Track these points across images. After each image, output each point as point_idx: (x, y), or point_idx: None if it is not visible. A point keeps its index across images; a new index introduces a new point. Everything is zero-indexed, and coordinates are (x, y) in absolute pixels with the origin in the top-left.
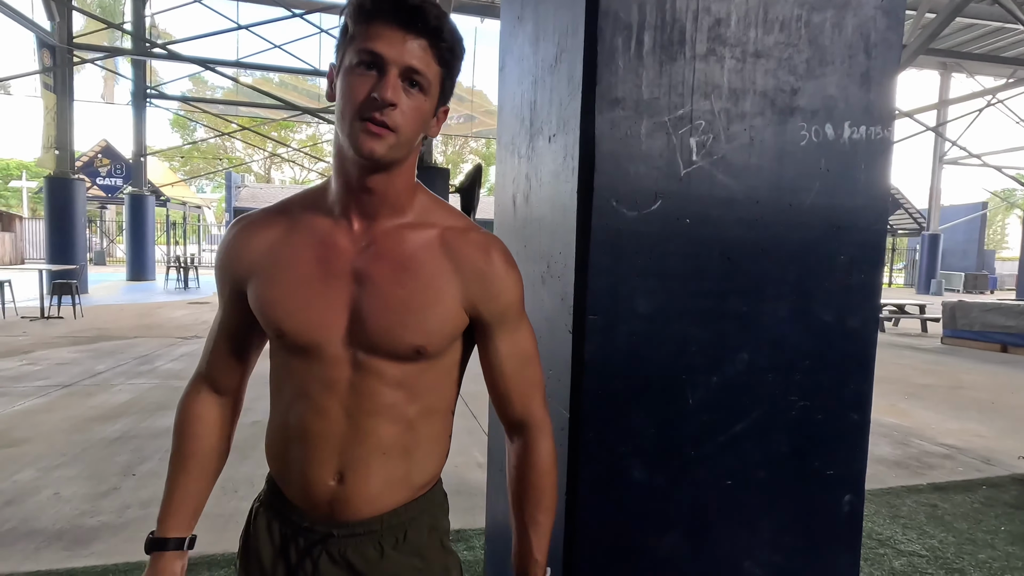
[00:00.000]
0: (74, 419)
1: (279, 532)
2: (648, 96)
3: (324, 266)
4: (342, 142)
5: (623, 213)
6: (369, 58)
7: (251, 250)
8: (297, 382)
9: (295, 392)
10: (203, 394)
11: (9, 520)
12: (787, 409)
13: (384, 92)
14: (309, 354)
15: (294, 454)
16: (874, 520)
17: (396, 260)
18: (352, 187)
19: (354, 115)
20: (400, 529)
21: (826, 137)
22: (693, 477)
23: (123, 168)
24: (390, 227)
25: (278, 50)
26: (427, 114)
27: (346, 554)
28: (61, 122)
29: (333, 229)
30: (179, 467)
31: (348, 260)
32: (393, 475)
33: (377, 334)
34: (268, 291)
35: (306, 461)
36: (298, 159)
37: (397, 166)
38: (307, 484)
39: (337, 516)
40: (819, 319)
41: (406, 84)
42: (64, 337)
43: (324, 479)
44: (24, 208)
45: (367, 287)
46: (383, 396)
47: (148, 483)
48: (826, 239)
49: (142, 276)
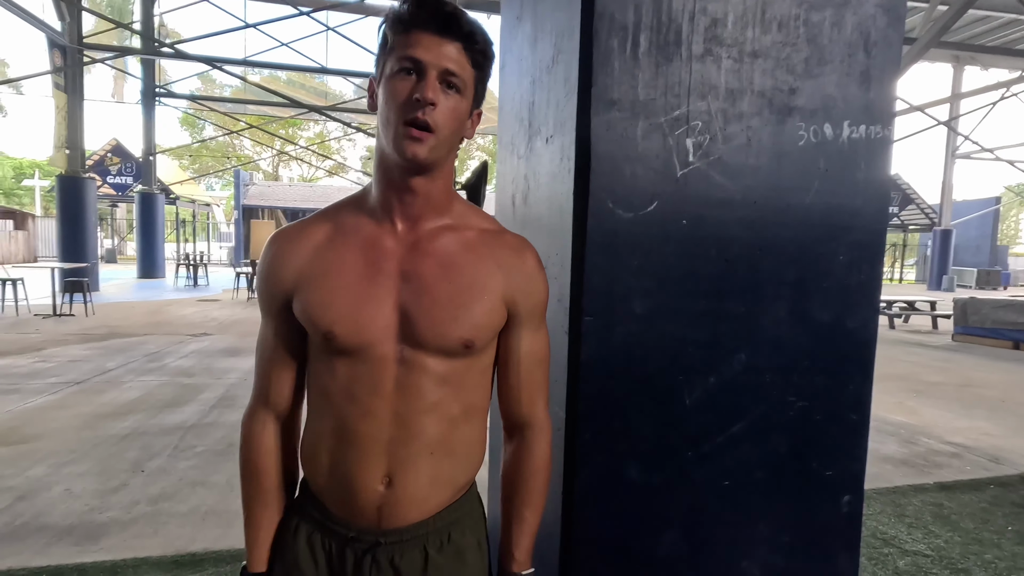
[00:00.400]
0: (85, 416)
1: (323, 545)
2: (644, 97)
3: (372, 267)
4: (385, 147)
5: (619, 215)
6: (409, 64)
7: (295, 259)
8: (343, 386)
9: (341, 396)
10: (268, 424)
11: (22, 515)
12: (785, 410)
13: (425, 92)
14: (357, 356)
15: (340, 460)
16: (879, 519)
17: (441, 258)
18: (395, 189)
19: (398, 118)
20: (444, 532)
21: (825, 137)
22: (690, 478)
23: (133, 166)
24: (433, 227)
25: (286, 48)
26: (464, 115)
27: (394, 560)
28: (72, 121)
29: (378, 231)
30: (260, 503)
31: (395, 260)
32: (439, 475)
33: (427, 330)
34: (317, 295)
35: (354, 466)
36: (305, 157)
37: (437, 169)
38: (354, 491)
39: (384, 523)
40: (818, 319)
41: (443, 86)
42: (75, 334)
43: (372, 484)
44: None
45: (415, 285)
46: (430, 394)
47: (156, 479)
48: (825, 239)
49: (152, 274)
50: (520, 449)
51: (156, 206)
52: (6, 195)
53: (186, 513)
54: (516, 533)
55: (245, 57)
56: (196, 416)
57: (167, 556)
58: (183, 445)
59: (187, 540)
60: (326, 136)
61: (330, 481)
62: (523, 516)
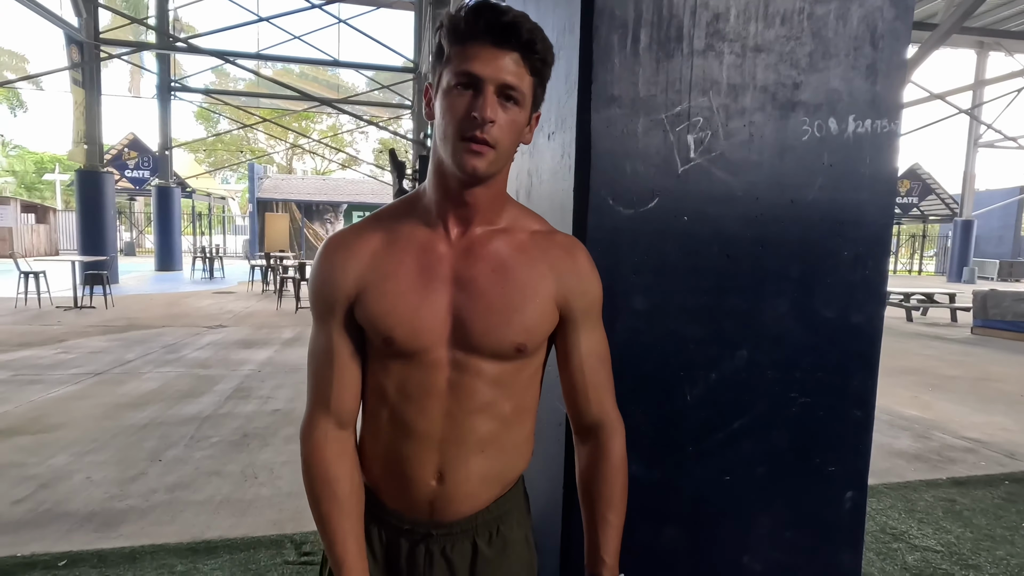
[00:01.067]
0: (105, 406)
1: (379, 535)
2: (645, 93)
3: (426, 272)
4: (444, 160)
5: (619, 211)
6: (466, 79)
7: (355, 265)
8: (398, 386)
9: (396, 396)
10: (330, 431)
11: (44, 502)
12: (787, 406)
13: (484, 112)
14: (413, 359)
15: (394, 455)
16: (888, 514)
17: (493, 263)
18: (451, 199)
19: (456, 135)
20: (493, 524)
21: (829, 131)
22: (691, 473)
23: (150, 160)
24: (485, 232)
25: (298, 41)
26: (522, 125)
27: (445, 551)
28: (90, 116)
29: (431, 237)
30: (341, 514)
31: (448, 266)
32: (489, 472)
33: (481, 335)
34: (379, 303)
35: (407, 461)
36: (319, 150)
37: (493, 178)
38: (407, 485)
39: (436, 516)
40: (821, 315)
41: (502, 100)
42: (96, 326)
43: (425, 479)
44: (57, 200)
45: (468, 290)
46: (481, 395)
47: (173, 469)
48: (829, 235)
49: (170, 266)
50: (595, 451)
51: (173, 200)
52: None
53: (202, 502)
54: (603, 537)
55: (258, 51)
56: (212, 407)
57: (183, 543)
58: (199, 435)
59: (202, 528)
60: (339, 129)
61: (384, 475)
62: (607, 519)
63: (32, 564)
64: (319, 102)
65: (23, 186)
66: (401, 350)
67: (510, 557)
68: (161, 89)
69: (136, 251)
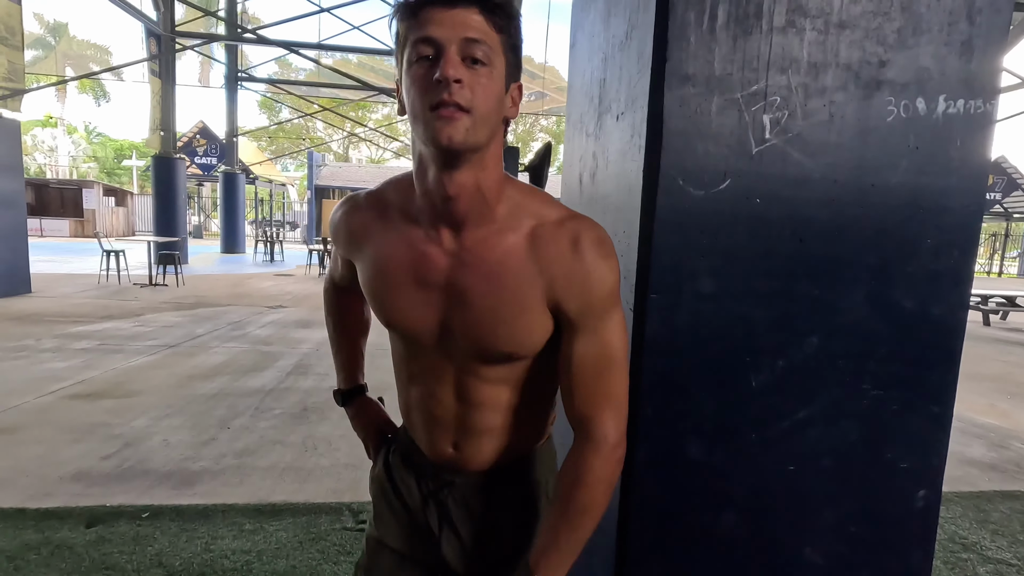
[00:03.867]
0: (178, 376)
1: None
2: (720, 72)
3: (417, 274)
4: (420, 143)
5: (690, 192)
6: (425, 46)
7: (354, 231)
8: (413, 361)
9: (411, 374)
10: (337, 286)
11: (128, 459)
12: (859, 398)
13: (445, 70)
14: (415, 345)
15: (417, 422)
16: (959, 523)
17: (485, 270)
18: (435, 198)
19: (423, 108)
20: (512, 477)
21: (916, 112)
22: (753, 460)
23: (217, 148)
24: (478, 235)
25: (357, 32)
26: (498, 90)
27: (465, 495)
28: (165, 105)
29: (423, 240)
30: (339, 333)
31: (440, 272)
32: (503, 445)
33: (468, 341)
34: (373, 283)
35: (427, 430)
36: (374, 138)
37: (479, 161)
38: (430, 446)
39: (458, 470)
40: (899, 306)
41: (467, 62)
42: (168, 303)
43: (443, 447)
44: (134, 185)
45: (457, 300)
46: (484, 391)
47: (241, 436)
48: (911, 221)
49: (234, 249)
50: (572, 456)
51: (238, 185)
52: (108, 174)
53: (266, 468)
54: (542, 541)
55: (319, 41)
56: (274, 381)
57: (251, 504)
58: (263, 407)
59: (268, 492)
60: (393, 118)
61: (414, 431)
62: (556, 529)
63: (119, 514)
64: (376, 91)
65: (104, 171)
66: (402, 335)
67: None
68: (229, 79)
69: (204, 234)
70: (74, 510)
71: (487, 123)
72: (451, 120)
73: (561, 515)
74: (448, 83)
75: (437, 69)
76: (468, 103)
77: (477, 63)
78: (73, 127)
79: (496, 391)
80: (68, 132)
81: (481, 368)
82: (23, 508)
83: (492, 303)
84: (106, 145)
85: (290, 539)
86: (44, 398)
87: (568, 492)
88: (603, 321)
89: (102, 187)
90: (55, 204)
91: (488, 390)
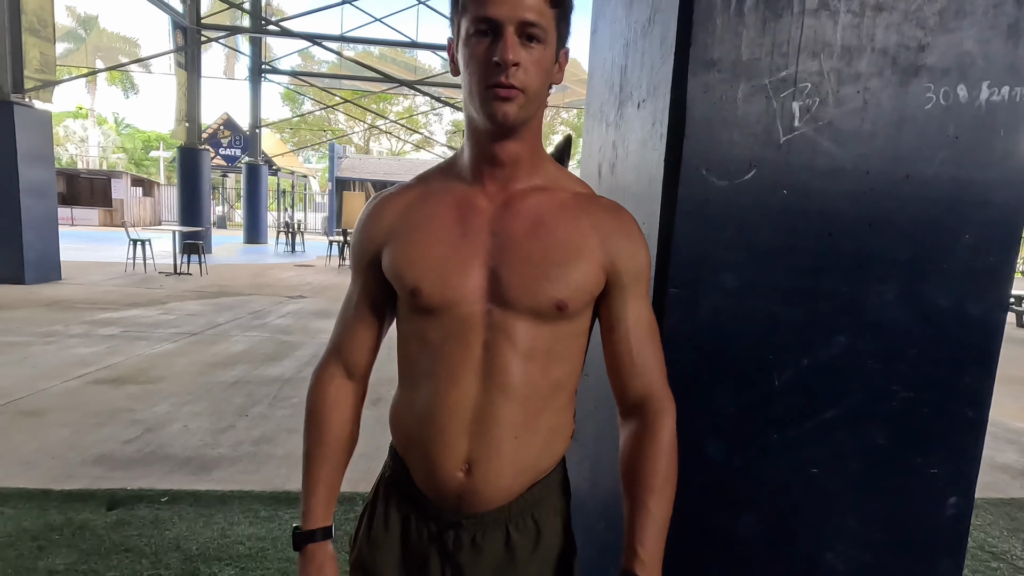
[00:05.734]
0: (199, 363)
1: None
2: (748, 57)
3: (461, 224)
4: (474, 115)
5: (713, 182)
6: (484, 24)
7: (387, 217)
8: (430, 352)
9: (427, 364)
10: (336, 378)
11: (149, 444)
12: (887, 399)
13: (505, 55)
14: (443, 316)
15: (422, 440)
16: (988, 531)
17: (533, 217)
18: (485, 156)
19: (481, 85)
20: (527, 512)
21: (957, 100)
22: (774, 461)
23: (241, 139)
24: (524, 188)
25: (379, 24)
26: (549, 64)
27: (475, 539)
28: (191, 97)
29: (469, 192)
30: (320, 457)
31: (485, 218)
32: (523, 463)
33: (518, 287)
34: (404, 251)
35: (433, 446)
36: (395, 131)
37: (526, 127)
38: (434, 473)
39: (465, 508)
40: (933, 304)
41: (524, 40)
42: (192, 291)
43: (452, 470)
44: (161, 176)
45: (505, 243)
46: (517, 366)
47: (259, 424)
48: (948, 215)
49: (256, 239)
50: (640, 429)
51: (261, 177)
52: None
53: (283, 456)
54: (639, 527)
55: (342, 33)
56: (292, 370)
57: (267, 492)
58: (281, 395)
59: (283, 480)
60: (414, 110)
61: (413, 457)
62: (647, 507)
63: (140, 497)
64: (398, 83)
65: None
66: (430, 304)
67: (544, 547)
68: (253, 71)
69: (227, 224)
70: (96, 492)
71: (538, 98)
72: (507, 100)
73: (650, 490)
74: (507, 67)
75: (495, 49)
76: (523, 84)
77: (533, 40)
78: (103, 118)
79: (528, 367)
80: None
81: (521, 327)
82: (47, 489)
83: (543, 247)
84: (134, 136)
85: None
86: (71, 382)
87: (652, 464)
88: (648, 291)
89: (130, 177)
90: (85, 193)
91: (522, 364)
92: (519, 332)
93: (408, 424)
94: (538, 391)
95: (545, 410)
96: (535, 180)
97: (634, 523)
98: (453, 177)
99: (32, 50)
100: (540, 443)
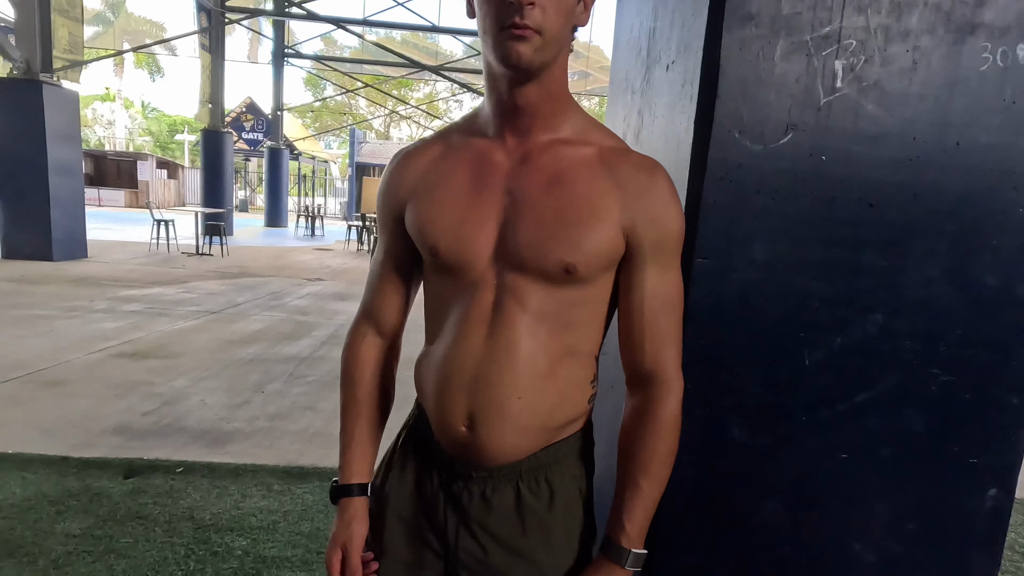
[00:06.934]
0: (218, 341)
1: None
2: (788, 11)
3: (478, 182)
4: (491, 60)
5: (746, 146)
6: None
7: (409, 174)
8: (445, 309)
9: (442, 320)
10: (368, 337)
11: (167, 417)
12: (926, 383)
13: None
14: (458, 275)
15: (432, 391)
16: (1019, 531)
17: (551, 173)
18: (504, 104)
19: (495, 26)
20: (539, 472)
21: (1016, 61)
22: (802, 445)
23: (263, 123)
24: (545, 141)
25: (401, 8)
26: (571, 3)
27: (485, 493)
28: (215, 79)
29: (488, 147)
30: (355, 414)
31: (502, 175)
32: (527, 422)
33: (526, 248)
34: (425, 209)
35: (440, 400)
36: (415, 116)
37: (547, 72)
38: (442, 427)
39: (472, 461)
40: (980, 282)
41: None
42: (213, 271)
43: (455, 424)
44: (185, 158)
45: (519, 200)
46: (525, 327)
47: (274, 400)
48: (1001, 187)
49: (277, 223)
50: (641, 406)
51: (282, 161)
52: (162, 148)
53: (297, 432)
54: (627, 501)
55: (364, 17)
56: (309, 350)
57: (280, 466)
58: (297, 373)
59: (296, 455)
60: (435, 96)
61: (428, 408)
62: (637, 483)
63: (155, 467)
64: (419, 68)
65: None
66: (446, 263)
67: (558, 510)
68: (276, 55)
69: (249, 208)
70: (113, 461)
71: (557, 41)
72: (522, 39)
73: (643, 469)
74: (521, 6)
75: None
76: (539, 25)
77: None
78: (130, 102)
79: (536, 331)
80: (125, 107)
81: (531, 289)
82: (67, 456)
83: (557, 205)
84: (160, 120)
85: (316, 502)
86: (93, 355)
87: (646, 441)
88: (673, 261)
89: (155, 160)
90: (112, 175)
91: (531, 325)
92: (528, 294)
93: (424, 376)
94: (547, 354)
95: (554, 374)
96: (560, 132)
97: (624, 497)
98: (475, 131)
99: (60, 30)
100: (548, 406)
